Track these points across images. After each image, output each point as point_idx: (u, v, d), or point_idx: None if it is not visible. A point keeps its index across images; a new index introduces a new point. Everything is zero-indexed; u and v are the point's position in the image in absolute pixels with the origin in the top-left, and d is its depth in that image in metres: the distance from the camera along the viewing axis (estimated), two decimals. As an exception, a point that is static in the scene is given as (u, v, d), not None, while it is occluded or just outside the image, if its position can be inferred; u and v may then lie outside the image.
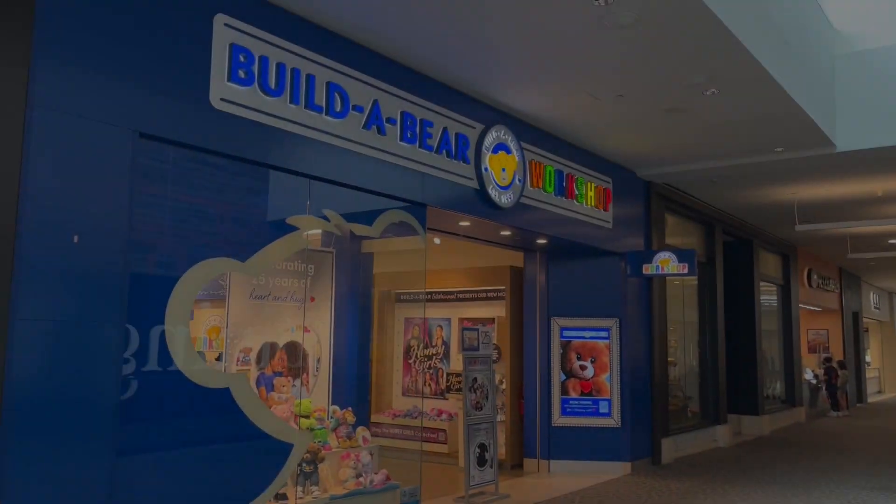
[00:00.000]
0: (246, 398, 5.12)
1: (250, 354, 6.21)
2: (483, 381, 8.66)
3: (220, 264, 5.08)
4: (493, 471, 8.55)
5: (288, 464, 5.44)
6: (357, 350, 7.24)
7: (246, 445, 5.18)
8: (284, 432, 5.42)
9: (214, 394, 4.98)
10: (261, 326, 6.28)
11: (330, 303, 7.01)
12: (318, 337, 6.85)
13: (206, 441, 4.96)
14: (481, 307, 11.39)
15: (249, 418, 5.15)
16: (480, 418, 8.51)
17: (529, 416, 10.41)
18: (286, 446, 5.45)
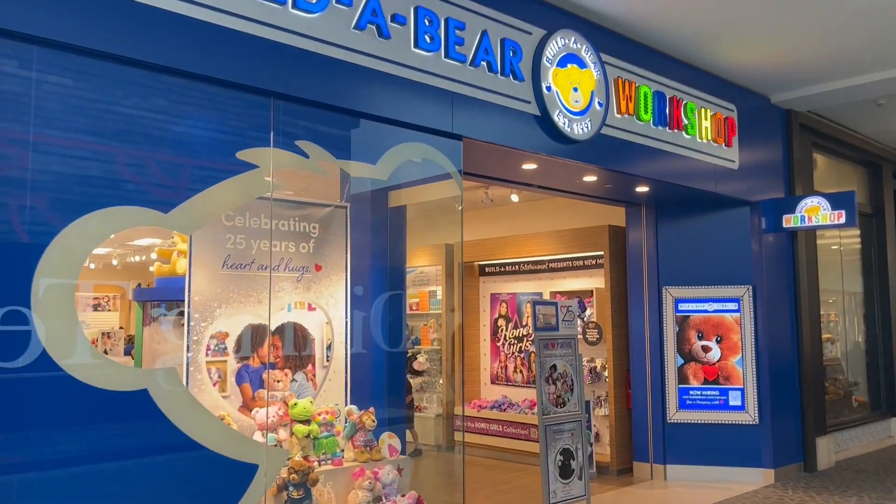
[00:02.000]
0: (173, 402, 3.62)
1: (226, 341, 4.73)
2: (566, 369, 6.78)
3: (124, 216, 3.59)
4: (582, 484, 6.67)
5: (250, 492, 3.90)
6: (385, 333, 5.61)
7: (180, 468, 3.69)
8: (240, 448, 3.89)
9: (124, 399, 3.51)
10: (241, 305, 4.79)
11: (344, 273, 5.41)
12: (329, 317, 5.27)
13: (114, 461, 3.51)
14: (577, 278, 9.42)
15: (183, 431, 3.65)
16: (562, 417, 6.64)
17: (639, 409, 8.39)
18: (246, 467, 3.92)
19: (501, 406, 9.68)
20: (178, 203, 3.74)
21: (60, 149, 3.45)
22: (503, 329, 10.16)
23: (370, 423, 5.04)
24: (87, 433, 3.44)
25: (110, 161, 3.60)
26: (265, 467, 3.96)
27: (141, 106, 3.74)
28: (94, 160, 3.56)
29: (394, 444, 5.19)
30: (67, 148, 3.47)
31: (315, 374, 5.18)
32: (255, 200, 4.91)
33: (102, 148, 3.60)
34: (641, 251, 8.52)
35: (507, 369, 10.05)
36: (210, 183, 3.88)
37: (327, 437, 4.88)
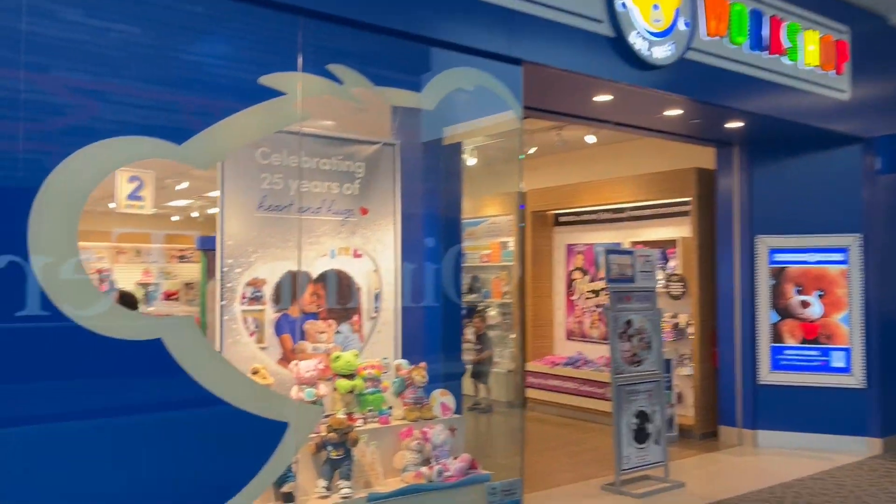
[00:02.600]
0: (190, 354, 3.28)
1: (263, 289, 4.39)
2: (643, 325, 6.15)
3: (132, 148, 3.22)
4: (659, 449, 6.09)
5: (280, 451, 3.56)
6: (441, 283, 5.14)
7: (199, 425, 3.38)
8: (268, 404, 3.54)
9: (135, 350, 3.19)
10: (279, 250, 4.42)
11: (393, 217, 4.95)
12: (377, 264, 4.85)
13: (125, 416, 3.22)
14: (660, 227, 8.67)
15: (202, 384, 3.32)
16: (638, 377, 6.05)
17: (726, 369, 7.67)
18: (275, 425, 3.57)
19: (576, 363, 9.14)
20: (193, 134, 3.35)
21: (60, 73, 3.10)
22: (579, 282, 9.54)
23: (420, 379, 4.62)
24: (96, 386, 3.15)
25: (116, 87, 3.22)
26: (296, 425, 3.61)
27: (151, 25, 3.34)
28: (98, 85, 3.20)
29: (447, 402, 4.77)
30: (68, 72, 3.12)
31: (361, 325, 4.79)
32: (294, 136, 4.50)
33: (107, 72, 3.23)
34: (732, 196, 7.69)
35: (582, 324, 9.47)
36: (229, 112, 3.46)
37: (373, 394, 4.50)
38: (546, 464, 6.77)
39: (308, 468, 4.08)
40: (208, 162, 3.44)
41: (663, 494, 5.72)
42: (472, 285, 10.86)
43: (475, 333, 9.73)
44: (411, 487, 4.20)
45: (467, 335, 10.22)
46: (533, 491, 5.76)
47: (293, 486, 3.81)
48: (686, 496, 5.68)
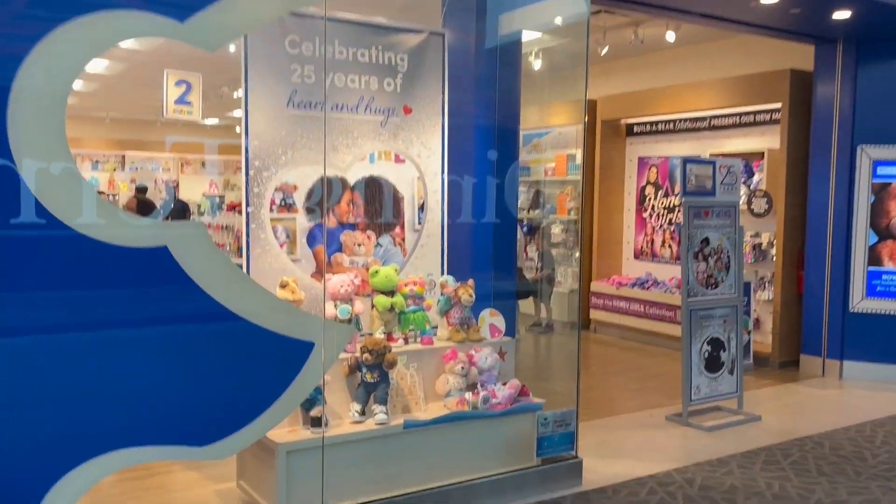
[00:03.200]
0: (200, 263, 2.91)
1: (294, 195, 3.97)
2: (721, 243, 5.52)
3: (125, 23, 2.76)
4: (733, 379, 5.56)
5: (304, 373, 3.22)
6: (491, 193, 4.62)
7: (212, 342, 3.04)
8: (290, 321, 3.17)
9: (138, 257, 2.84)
10: (311, 152, 3.98)
11: (441, 118, 4.42)
12: (420, 171, 4.36)
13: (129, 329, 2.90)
14: (745, 137, 7.84)
15: (214, 298, 2.96)
16: (713, 301, 5.47)
17: (813, 295, 6.98)
18: (298, 345, 3.22)
19: (644, 284, 8.56)
20: (198, 10, 2.88)
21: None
22: (651, 198, 8.85)
23: (467, 297, 4.19)
24: (97, 296, 2.84)
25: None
26: (323, 345, 3.25)
27: None
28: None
29: (496, 323, 4.34)
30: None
31: (404, 238, 4.35)
32: (330, 23, 3.98)
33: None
34: (833, 101, 6.79)
35: (653, 243, 8.83)
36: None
37: (415, 312, 4.11)
38: (607, 390, 6.35)
39: (341, 391, 3.76)
40: (216, 42, 2.97)
41: (736, 428, 5.23)
42: (534, 200, 10.29)
43: (537, 251, 9.24)
44: (453, 415, 3.83)
45: (529, 253, 9.76)
46: (591, 419, 5.36)
47: (321, 410, 3.49)
48: (761, 431, 5.17)
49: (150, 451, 2.94)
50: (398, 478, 3.66)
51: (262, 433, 3.21)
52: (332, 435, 3.50)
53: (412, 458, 3.70)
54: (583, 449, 4.37)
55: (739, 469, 4.41)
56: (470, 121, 4.63)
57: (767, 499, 3.98)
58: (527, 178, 10.41)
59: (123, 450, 2.87)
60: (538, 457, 4.04)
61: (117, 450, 2.85)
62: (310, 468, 3.42)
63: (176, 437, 2.98)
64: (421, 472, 3.72)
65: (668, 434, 5.11)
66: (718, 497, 3.99)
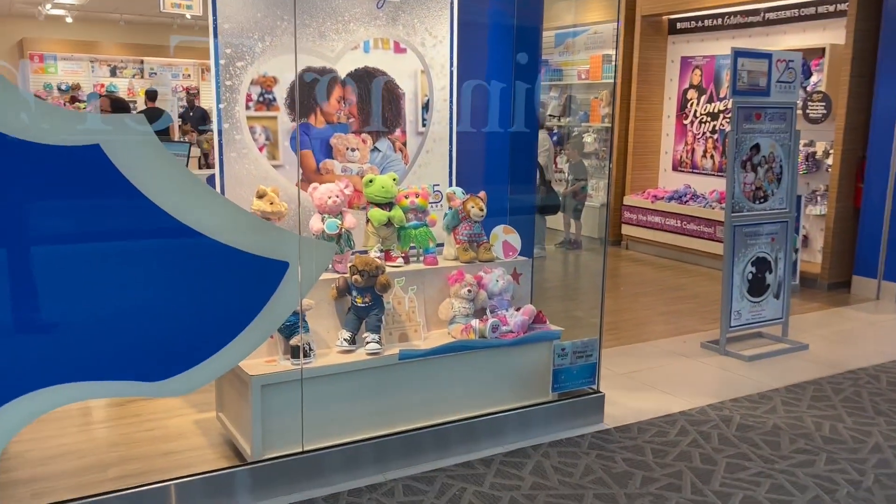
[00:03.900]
0: (142, 167, 2.40)
1: (274, 90, 3.40)
2: (773, 151, 4.84)
3: None
4: (779, 304, 4.99)
5: (276, 298, 2.75)
6: (508, 94, 3.99)
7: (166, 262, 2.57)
8: (256, 237, 2.67)
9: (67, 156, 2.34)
10: (289, 39, 3.38)
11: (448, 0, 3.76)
12: (424, 63, 3.73)
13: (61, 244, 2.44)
14: (804, 32, 6.96)
15: (162, 208, 2.47)
16: (761, 216, 4.84)
17: (871, 210, 6.29)
18: (270, 265, 2.73)
19: (682, 197, 7.90)
20: None
21: None
22: (693, 103, 8.06)
23: (477, 211, 3.64)
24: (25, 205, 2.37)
25: None
26: (299, 266, 2.76)
27: None
28: None
29: (511, 240, 3.80)
30: None
31: (405, 143, 3.78)
32: None
33: None
34: (910, -12, 5.89)
35: (693, 153, 8.10)
36: None
37: (417, 228, 3.58)
38: (637, 312, 5.84)
39: (331, 316, 3.30)
40: None
41: (778, 358, 4.70)
42: (566, 107, 9.55)
43: (567, 162, 8.58)
44: (456, 344, 3.36)
45: (558, 164, 9.10)
46: (618, 344, 4.89)
47: (302, 338, 3.04)
48: (808, 361, 4.64)
49: (92, 387, 2.52)
50: (392, 415, 3.24)
51: (227, 367, 2.78)
52: (315, 367, 3.05)
53: (408, 393, 3.26)
54: (606, 380, 3.91)
55: (783, 406, 3.91)
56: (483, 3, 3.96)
57: (817, 442, 3.49)
58: (558, 82, 9.64)
59: (59, 386, 2.45)
60: (554, 391, 3.57)
61: (52, 386, 2.44)
62: (289, 403, 3.00)
63: (123, 370, 2.56)
64: (418, 408, 3.28)
65: (702, 364, 4.61)
66: (759, 439, 3.51)
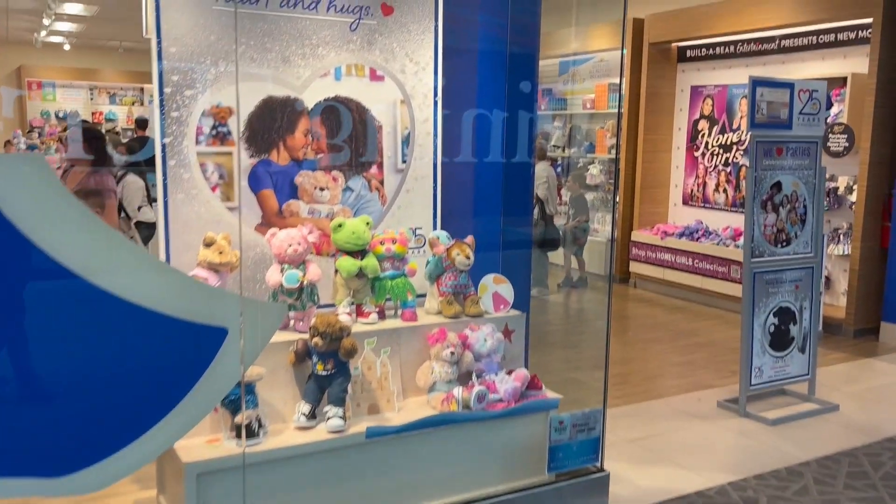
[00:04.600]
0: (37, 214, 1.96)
1: (229, 122, 2.97)
2: (797, 189, 4.38)
3: None
4: (804, 359, 4.49)
5: (212, 373, 2.28)
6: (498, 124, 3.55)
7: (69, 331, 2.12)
8: (190, 299, 2.21)
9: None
10: (254, 64, 2.96)
11: (434, 21, 3.34)
12: (406, 93, 3.31)
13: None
14: (823, 60, 6.54)
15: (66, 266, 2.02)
16: (783, 261, 4.37)
17: (900, 251, 5.81)
18: (203, 333, 2.27)
19: (694, 234, 7.43)
20: None
21: None
22: (705, 134, 7.63)
23: (463, 259, 3.19)
24: None
25: None
26: (241, 331, 2.30)
27: None
28: None
29: (502, 291, 3.34)
30: None
31: (383, 181, 3.34)
32: None
33: None
34: (940, 12, 5.47)
35: (705, 187, 7.65)
36: None
37: (394, 278, 3.12)
38: (646, 363, 5.34)
39: (289, 385, 2.83)
40: None
41: (806, 422, 4.19)
42: (570, 137, 9.14)
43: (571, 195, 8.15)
44: (434, 418, 2.88)
45: (562, 197, 8.66)
46: (625, 403, 4.40)
47: (250, 414, 2.57)
48: (840, 426, 4.13)
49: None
50: (358, 502, 2.75)
51: (153, 454, 2.31)
52: (263, 449, 2.58)
53: (378, 478, 2.78)
54: (612, 449, 3.43)
55: (816, 485, 3.39)
56: (473, 23, 3.54)
57: (858, 534, 2.98)
58: (562, 111, 9.23)
59: (-69, 487, 1.98)
60: (551, 472, 3.08)
61: (-79, 488, 1.97)
62: (231, 494, 2.52)
63: (16, 465, 2.09)
64: (390, 496, 2.80)
65: (721, 428, 4.10)
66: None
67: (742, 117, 7.24)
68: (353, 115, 3.23)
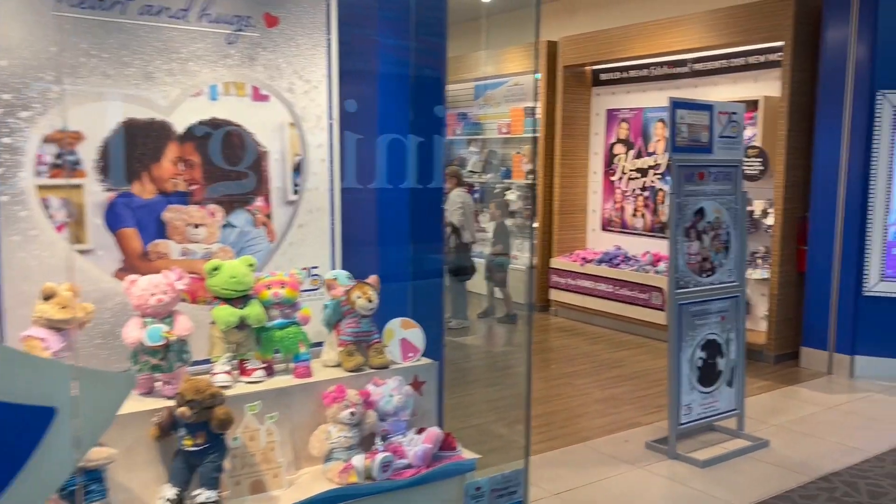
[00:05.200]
0: None
1: (77, 149, 2.50)
2: (720, 216, 4.20)
3: None
4: (732, 393, 4.29)
5: (38, 459, 1.79)
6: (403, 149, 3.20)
7: None
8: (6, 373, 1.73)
9: None
10: (107, 79, 2.50)
11: (327, 34, 2.96)
12: (296, 115, 2.90)
13: None
14: (736, 83, 6.52)
15: None
16: (709, 292, 4.16)
17: (817, 276, 5.76)
18: (26, 414, 1.78)
19: (613, 260, 7.27)
20: None
21: None
22: (621, 158, 7.51)
23: (364, 303, 2.78)
24: None
25: None
26: (75, 410, 1.83)
27: None
28: None
29: (411, 338, 2.96)
30: None
31: (271, 214, 2.91)
32: None
33: None
34: (847, 39, 5.49)
35: (623, 212, 7.52)
36: None
37: (283, 327, 2.69)
38: (571, 399, 5.05)
39: (151, 465, 2.35)
40: None
41: (738, 461, 3.96)
42: (487, 163, 8.90)
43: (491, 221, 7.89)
44: (330, 494, 2.45)
45: (481, 223, 8.40)
46: (550, 446, 4.09)
47: None
48: (772, 464, 3.92)
49: None
50: None
51: (-47, 577, 1.79)
52: (113, 552, 2.09)
53: (261, 572, 2.32)
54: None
55: (755, 537, 3.14)
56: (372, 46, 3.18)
57: None
58: (478, 136, 9.00)
59: None
60: (468, 546, 2.69)
61: None
62: None
63: None
64: (275, 593, 2.34)
65: (650, 473, 3.82)
66: None
67: (658, 141, 7.15)
68: (234, 139, 2.80)
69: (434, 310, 3.44)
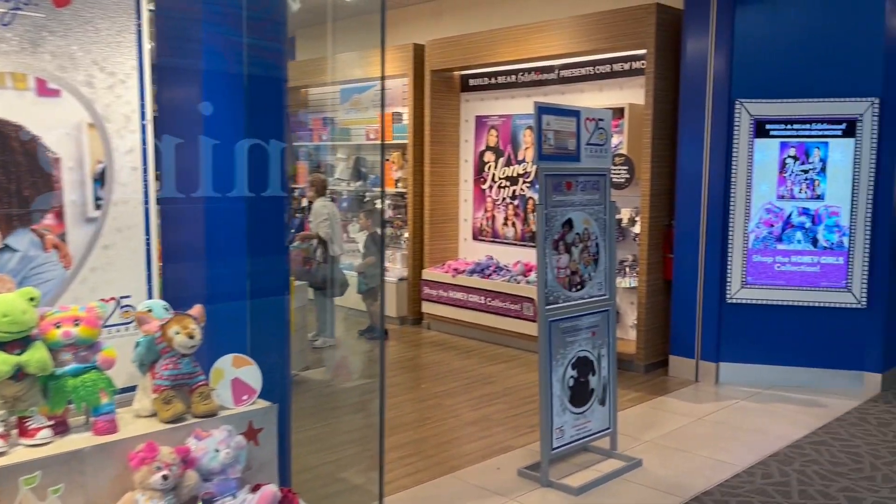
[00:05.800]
0: None
1: None
2: (588, 227, 4.02)
3: None
4: (605, 411, 4.12)
5: None
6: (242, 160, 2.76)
7: None
8: None
9: None
10: None
11: (136, 14, 2.48)
12: (96, 115, 2.41)
13: None
14: (601, 91, 6.48)
15: None
16: (579, 307, 3.97)
17: (683, 284, 5.77)
18: None
19: (485, 271, 7.06)
20: None
21: None
22: (491, 166, 7.33)
23: (184, 339, 2.31)
24: None
25: None
26: None
27: None
28: None
29: (245, 377, 2.51)
30: None
31: (65, 234, 2.40)
32: None
33: None
34: (707, 48, 5.54)
35: (494, 221, 7.34)
36: None
37: (78, 374, 2.19)
38: (442, 422, 4.74)
39: None
40: None
41: (612, 484, 3.78)
42: (356, 170, 8.50)
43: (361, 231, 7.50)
44: (134, 585, 1.98)
45: (350, 233, 7.98)
46: (418, 479, 3.74)
47: None
48: (647, 486, 3.76)
49: None
50: None
51: None
52: None
53: None
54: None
55: (632, 574, 2.92)
56: (195, 38, 2.72)
57: None
58: (346, 142, 8.58)
59: None
60: None
61: None
62: None
63: None
64: None
65: (523, 502, 3.55)
66: None
67: (527, 148, 7.02)
68: (11, 142, 2.27)
69: (278, 333, 3.01)
